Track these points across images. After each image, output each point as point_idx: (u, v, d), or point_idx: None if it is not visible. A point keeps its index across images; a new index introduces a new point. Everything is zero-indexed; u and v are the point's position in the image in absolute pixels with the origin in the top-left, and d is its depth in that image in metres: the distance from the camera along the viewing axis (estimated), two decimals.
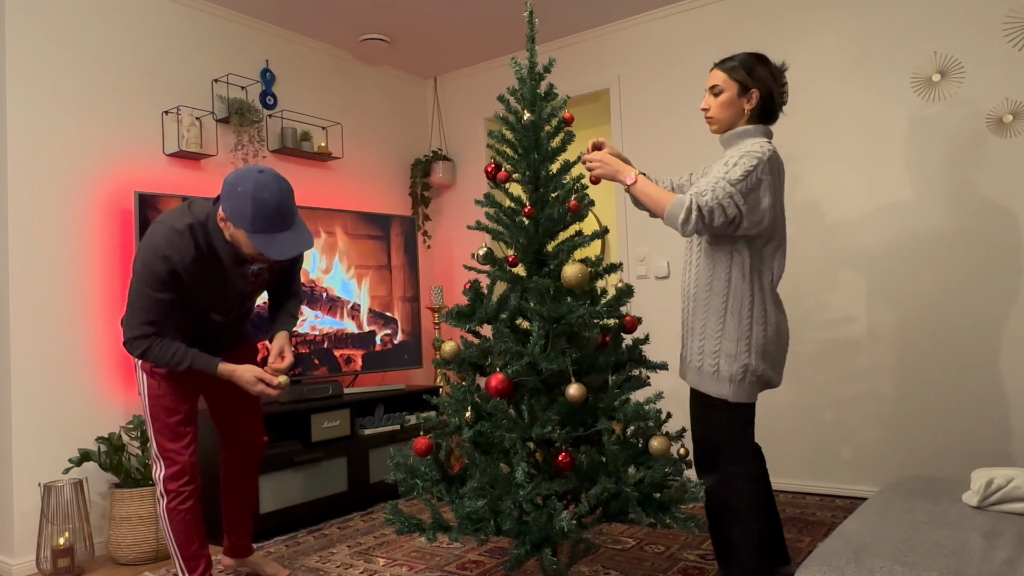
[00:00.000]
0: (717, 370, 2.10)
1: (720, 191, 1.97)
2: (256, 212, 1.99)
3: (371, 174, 4.49)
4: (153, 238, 2.09)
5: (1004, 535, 1.66)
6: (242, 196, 1.99)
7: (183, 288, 2.13)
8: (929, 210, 3.22)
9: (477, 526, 1.97)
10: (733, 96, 2.16)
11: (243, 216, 2.00)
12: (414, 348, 4.16)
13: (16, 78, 2.93)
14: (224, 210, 2.04)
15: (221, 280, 2.20)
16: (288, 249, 2.04)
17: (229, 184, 2.03)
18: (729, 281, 2.10)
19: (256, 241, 2.01)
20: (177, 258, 2.07)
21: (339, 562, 2.79)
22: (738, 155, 2.04)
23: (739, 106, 2.16)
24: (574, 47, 4.30)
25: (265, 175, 2.03)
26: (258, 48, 3.88)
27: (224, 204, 2.04)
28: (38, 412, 2.93)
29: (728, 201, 1.97)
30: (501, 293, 2.16)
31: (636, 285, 4.03)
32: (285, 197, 2.04)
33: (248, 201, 1.98)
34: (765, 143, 2.09)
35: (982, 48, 3.10)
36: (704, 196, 1.96)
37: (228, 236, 2.11)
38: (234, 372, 2.24)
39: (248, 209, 1.99)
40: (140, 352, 2.14)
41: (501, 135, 2.20)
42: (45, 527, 2.78)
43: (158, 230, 2.10)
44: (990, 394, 3.08)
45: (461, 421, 2.07)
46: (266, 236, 2.02)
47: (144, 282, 2.08)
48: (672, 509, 1.97)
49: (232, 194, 2.01)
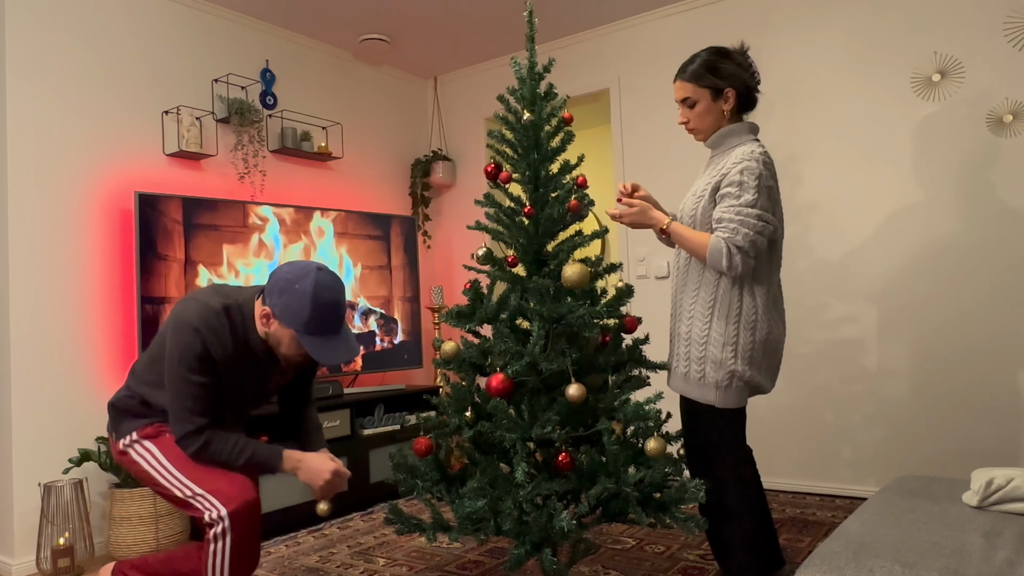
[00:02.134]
0: (703, 376, 2.07)
1: (748, 223, 1.95)
2: (314, 313, 1.85)
3: (371, 174, 4.49)
4: (184, 315, 1.87)
5: (1004, 535, 1.66)
6: (300, 295, 1.84)
7: (216, 375, 1.91)
8: (929, 210, 3.22)
9: (477, 526, 1.97)
10: (708, 103, 2.12)
11: (298, 316, 1.85)
12: (414, 348, 4.16)
13: (17, 77, 2.93)
14: (273, 307, 1.87)
15: (251, 375, 2.00)
16: (339, 354, 1.90)
17: (284, 279, 1.86)
18: (718, 287, 2.07)
19: (307, 343, 1.87)
20: (211, 338, 1.87)
21: (339, 562, 2.79)
22: (735, 169, 2.00)
23: (717, 110, 2.12)
24: (574, 47, 4.30)
25: (324, 273, 1.89)
26: (258, 48, 3.88)
27: (273, 300, 1.87)
28: (38, 412, 2.93)
29: (761, 225, 1.96)
30: (501, 293, 2.16)
31: (636, 285, 4.03)
32: (343, 299, 1.92)
33: (308, 301, 1.84)
34: (755, 147, 2.04)
35: (982, 48, 3.10)
36: (736, 236, 1.94)
37: (263, 333, 1.94)
38: (303, 461, 1.98)
39: (306, 310, 1.84)
40: (197, 448, 1.88)
41: (501, 135, 2.20)
42: (45, 527, 2.78)
43: (188, 307, 1.89)
44: (990, 394, 3.08)
45: (461, 421, 2.07)
46: (319, 339, 1.88)
47: (183, 365, 1.86)
48: (672, 509, 1.97)
49: (287, 290, 1.85)
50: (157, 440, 1.96)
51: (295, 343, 1.90)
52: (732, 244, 1.95)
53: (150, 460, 1.94)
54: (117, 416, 2.01)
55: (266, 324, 1.91)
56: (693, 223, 2.12)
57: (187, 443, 1.89)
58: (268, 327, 1.91)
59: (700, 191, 2.12)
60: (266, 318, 1.90)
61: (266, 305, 1.90)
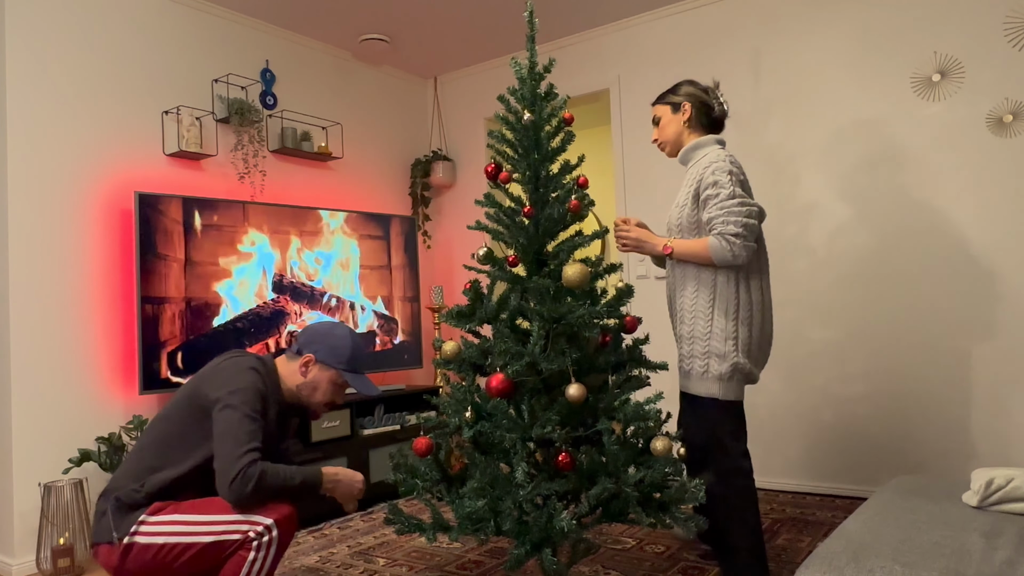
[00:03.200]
0: (707, 370, 2.18)
1: (734, 211, 2.11)
2: (354, 353, 2.13)
3: (371, 174, 4.49)
4: (237, 363, 1.98)
5: (1004, 535, 1.66)
6: (341, 339, 2.12)
7: (266, 420, 1.97)
8: (929, 210, 3.22)
9: (477, 526, 1.97)
10: (668, 116, 2.39)
11: (341, 357, 2.10)
12: (414, 348, 4.16)
13: (16, 77, 2.93)
14: (316, 351, 2.09)
15: (275, 426, 2.07)
16: (373, 387, 2.17)
17: (322, 330, 2.13)
18: (715, 285, 2.20)
19: (350, 379, 2.12)
20: (266, 380, 2.00)
21: (339, 562, 2.79)
22: (707, 174, 2.18)
23: (677, 122, 2.37)
24: (574, 47, 4.30)
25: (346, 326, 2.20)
26: (258, 48, 3.88)
27: (314, 348, 2.10)
28: (38, 412, 2.93)
29: (746, 210, 2.12)
30: (501, 293, 2.16)
31: (636, 285, 4.03)
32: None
33: (349, 343, 2.12)
34: (722, 152, 2.21)
35: (982, 48, 3.10)
36: (728, 228, 2.10)
37: (307, 378, 2.10)
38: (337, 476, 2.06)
39: (348, 350, 2.11)
40: (257, 480, 1.82)
41: (501, 135, 2.20)
42: (45, 527, 2.78)
43: (235, 358, 2.01)
44: (991, 394, 3.08)
45: (461, 421, 2.07)
46: (357, 376, 2.14)
47: (244, 404, 1.88)
48: (672, 509, 1.97)
49: (329, 335, 2.12)
50: (166, 509, 1.88)
51: (331, 385, 2.11)
52: (727, 236, 2.10)
53: (166, 526, 1.85)
54: (119, 512, 1.88)
55: (305, 372, 2.09)
56: (680, 231, 2.29)
57: (246, 479, 1.80)
58: (307, 374, 2.09)
59: (681, 201, 2.30)
60: (306, 365, 2.09)
61: (307, 353, 2.09)
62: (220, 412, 1.87)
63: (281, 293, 3.57)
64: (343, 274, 3.86)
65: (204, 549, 1.83)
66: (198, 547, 1.83)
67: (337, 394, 2.15)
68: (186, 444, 1.93)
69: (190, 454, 1.93)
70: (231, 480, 1.79)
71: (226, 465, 1.81)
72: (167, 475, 1.91)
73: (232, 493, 1.80)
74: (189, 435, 1.93)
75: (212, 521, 1.85)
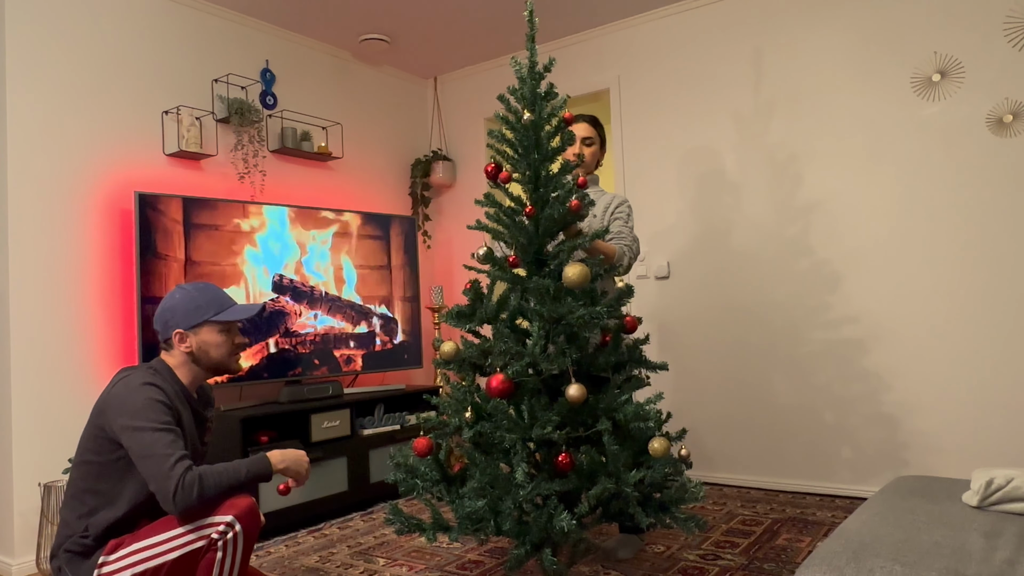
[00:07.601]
0: None
1: (631, 236, 2.64)
2: (203, 298, 1.99)
3: (371, 174, 4.49)
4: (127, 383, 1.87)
5: (1004, 535, 1.66)
6: (183, 299, 1.98)
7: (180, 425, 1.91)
8: (929, 210, 3.22)
9: (477, 526, 1.97)
10: (597, 148, 2.75)
11: (200, 307, 1.98)
12: (414, 348, 4.16)
13: (16, 77, 2.93)
14: (176, 325, 1.96)
15: (192, 427, 2.01)
16: (249, 308, 2.04)
17: (166, 309, 1.98)
18: None
19: (223, 319, 1.99)
20: (163, 386, 1.90)
21: (339, 562, 2.79)
22: (615, 204, 2.68)
23: (599, 156, 2.78)
24: (574, 47, 4.30)
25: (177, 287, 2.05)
26: (258, 48, 3.88)
27: (173, 323, 1.97)
28: (38, 412, 2.93)
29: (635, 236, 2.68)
30: (501, 293, 2.16)
31: (636, 285, 4.03)
32: (210, 284, 2.06)
33: (193, 295, 1.99)
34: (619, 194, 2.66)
35: (982, 48, 3.10)
36: (634, 245, 2.63)
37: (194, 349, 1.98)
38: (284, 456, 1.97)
39: (196, 300, 1.98)
40: (198, 487, 1.76)
41: (501, 135, 2.20)
42: (45, 527, 2.78)
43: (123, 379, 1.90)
44: (990, 394, 3.08)
45: (461, 421, 2.07)
46: (228, 311, 2.01)
47: (150, 419, 1.81)
48: (672, 509, 1.97)
49: (174, 308, 1.98)
50: (123, 542, 1.83)
51: (217, 336, 1.99)
52: (631, 250, 2.60)
53: (128, 558, 1.81)
54: (73, 564, 1.83)
55: (188, 347, 1.97)
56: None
57: (187, 488, 1.75)
58: (191, 346, 1.97)
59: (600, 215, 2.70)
60: (183, 342, 1.97)
61: (172, 333, 1.97)
62: (131, 437, 1.79)
63: (281, 293, 3.57)
64: (343, 274, 3.86)
65: (174, 566, 1.80)
66: (167, 566, 1.79)
67: (228, 340, 2.02)
68: (113, 477, 1.87)
69: (121, 484, 1.87)
70: (172, 495, 1.74)
71: (161, 483, 1.75)
72: (109, 514, 1.85)
73: (179, 507, 1.75)
74: (111, 467, 1.86)
75: (172, 537, 1.80)
